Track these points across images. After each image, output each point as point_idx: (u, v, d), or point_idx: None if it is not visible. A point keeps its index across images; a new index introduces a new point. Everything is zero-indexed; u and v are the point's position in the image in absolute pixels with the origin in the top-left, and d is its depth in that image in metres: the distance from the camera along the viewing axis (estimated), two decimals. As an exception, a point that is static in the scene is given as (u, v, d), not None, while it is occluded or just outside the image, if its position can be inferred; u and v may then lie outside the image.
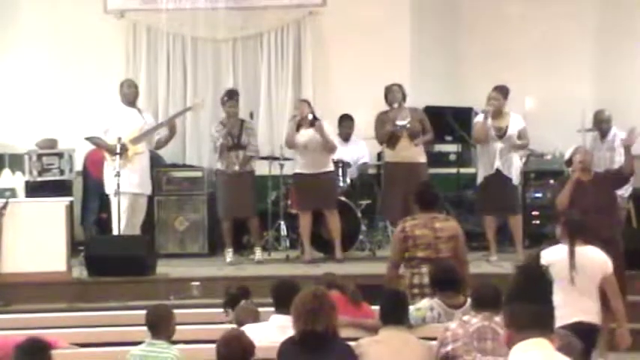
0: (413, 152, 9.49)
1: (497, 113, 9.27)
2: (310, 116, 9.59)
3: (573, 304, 6.05)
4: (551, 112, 10.76)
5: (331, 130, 9.87)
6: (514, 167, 9.41)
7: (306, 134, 9.60)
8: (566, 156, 8.42)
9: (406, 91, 9.65)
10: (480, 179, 9.49)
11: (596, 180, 7.68)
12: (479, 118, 9.45)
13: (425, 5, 11.51)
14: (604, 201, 7.60)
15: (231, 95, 9.90)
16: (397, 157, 9.51)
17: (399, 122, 9.44)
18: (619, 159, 9.52)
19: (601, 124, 9.69)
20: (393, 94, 9.52)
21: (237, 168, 9.69)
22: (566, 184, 7.72)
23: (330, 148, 9.63)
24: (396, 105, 9.48)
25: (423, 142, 9.62)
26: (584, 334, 5.65)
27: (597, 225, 7.42)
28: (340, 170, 10.00)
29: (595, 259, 6.30)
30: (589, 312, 6.24)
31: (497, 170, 9.28)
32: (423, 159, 9.62)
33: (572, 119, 10.19)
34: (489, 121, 9.22)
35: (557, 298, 5.96)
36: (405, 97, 9.59)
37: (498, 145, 9.26)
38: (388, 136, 9.47)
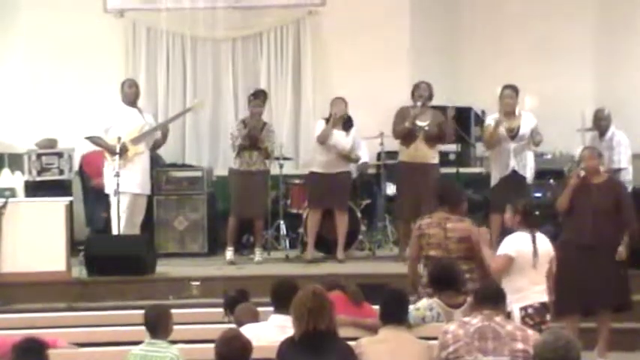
0: (426, 153, 9.43)
1: (510, 113, 9.20)
2: (345, 117, 9.58)
3: (535, 287, 6.54)
4: (551, 112, 10.72)
5: (359, 138, 9.80)
6: (529, 166, 9.34)
7: (337, 134, 9.58)
8: (577, 156, 8.38)
9: (408, 90, 9.61)
10: (494, 180, 9.34)
11: (604, 185, 7.59)
12: (490, 121, 9.34)
13: (425, 4, 11.51)
14: (607, 206, 7.49)
15: (258, 95, 9.88)
16: (410, 156, 9.44)
17: (419, 122, 9.39)
18: (617, 158, 9.52)
19: (600, 122, 9.66)
20: (420, 91, 9.45)
21: (251, 168, 9.68)
22: (567, 186, 7.67)
23: (352, 162, 9.75)
24: (419, 103, 9.42)
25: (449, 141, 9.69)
26: (544, 312, 6.44)
27: (596, 229, 7.42)
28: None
29: (546, 244, 6.66)
30: (544, 292, 6.58)
31: (513, 170, 9.22)
32: (435, 160, 9.57)
33: (572, 119, 10.19)
34: (501, 128, 9.12)
35: (524, 281, 6.46)
36: (432, 97, 9.50)
37: (511, 146, 9.19)
38: (405, 133, 9.41)
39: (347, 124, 9.64)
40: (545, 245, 6.64)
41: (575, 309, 7.40)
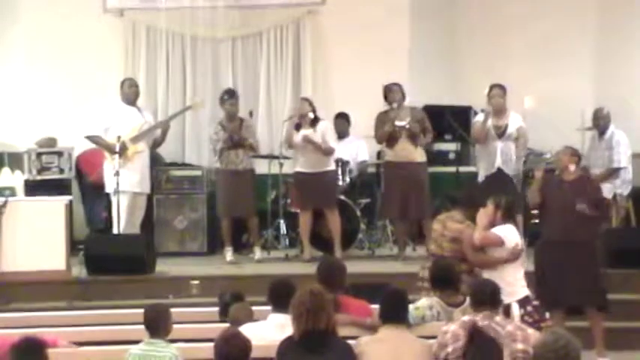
0: (412, 152, 9.51)
1: (499, 112, 9.25)
2: (311, 115, 9.57)
3: (521, 280, 6.80)
4: (550, 111, 10.76)
5: (330, 131, 9.78)
6: (515, 166, 9.39)
7: (305, 133, 9.58)
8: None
9: (405, 90, 9.65)
10: (480, 178, 9.46)
11: (576, 182, 7.68)
12: (478, 118, 9.43)
13: (424, 4, 11.50)
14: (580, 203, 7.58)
15: (231, 94, 9.90)
16: (396, 156, 9.55)
17: (398, 123, 9.45)
18: (617, 157, 9.54)
19: (598, 121, 9.70)
20: (393, 94, 9.53)
21: (237, 167, 9.69)
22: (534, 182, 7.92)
23: (325, 153, 9.61)
24: (395, 105, 9.48)
25: (423, 144, 9.63)
26: (543, 310, 6.67)
27: (567, 226, 7.49)
28: (339, 169, 9.99)
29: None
30: (526, 286, 6.83)
31: (499, 169, 9.26)
32: (422, 159, 9.63)
33: (571, 118, 10.19)
34: (489, 121, 9.19)
35: (514, 275, 6.70)
36: (405, 97, 9.59)
37: (498, 144, 9.24)
38: (387, 137, 9.49)
39: (314, 121, 9.60)
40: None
41: (556, 306, 7.41)
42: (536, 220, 9.97)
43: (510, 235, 6.81)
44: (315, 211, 9.70)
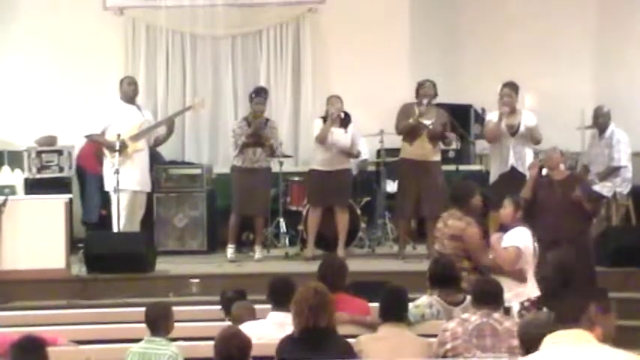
0: (428, 151, 9.44)
1: (511, 110, 9.21)
2: (342, 115, 9.55)
3: (530, 282, 6.79)
4: (551, 110, 10.73)
5: (357, 132, 9.76)
6: (527, 164, 9.35)
7: (336, 132, 9.53)
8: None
9: (407, 89, 9.61)
10: (493, 177, 9.36)
11: (565, 180, 7.81)
12: (491, 117, 9.33)
13: (424, 2, 11.51)
14: (569, 202, 7.70)
15: (259, 92, 9.87)
16: (413, 154, 9.45)
17: (424, 120, 9.38)
18: (617, 156, 9.54)
19: (598, 120, 9.70)
20: (425, 90, 9.45)
21: (254, 165, 9.66)
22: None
23: (354, 157, 9.77)
24: (425, 101, 9.42)
25: (448, 145, 9.70)
26: (540, 304, 6.55)
27: (559, 225, 7.52)
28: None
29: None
30: (536, 287, 6.78)
31: (512, 167, 9.23)
32: (437, 157, 9.59)
33: (571, 117, 10.20)
34: (504, 121, 9.13)
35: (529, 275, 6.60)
36: (436, 95, 9.52)
37: (511, 142, 9.19)
38: (408, 130, 9.41)
39: (344, 120, 9.63)
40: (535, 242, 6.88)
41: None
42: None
43: (525, 241, 6.78)
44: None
